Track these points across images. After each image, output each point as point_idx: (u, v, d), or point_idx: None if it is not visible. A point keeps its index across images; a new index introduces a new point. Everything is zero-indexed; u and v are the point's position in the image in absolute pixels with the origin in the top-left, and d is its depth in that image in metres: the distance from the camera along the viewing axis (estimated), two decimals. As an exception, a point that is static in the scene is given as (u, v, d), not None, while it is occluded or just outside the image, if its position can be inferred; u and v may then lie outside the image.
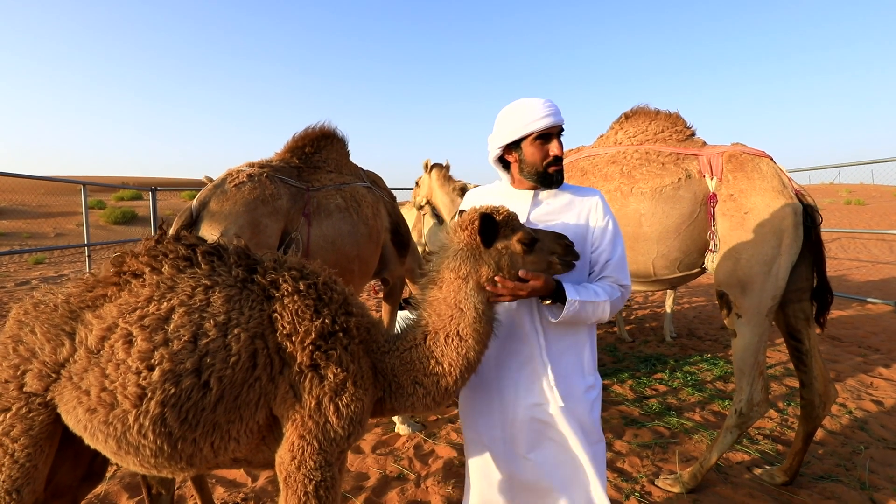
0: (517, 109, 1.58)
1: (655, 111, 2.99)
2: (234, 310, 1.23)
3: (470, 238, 1.39)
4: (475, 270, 1.37)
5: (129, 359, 1.15)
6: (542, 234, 1.43)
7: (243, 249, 1.38)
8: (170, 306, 1.21)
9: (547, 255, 1.41)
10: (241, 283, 1.29)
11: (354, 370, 1.31)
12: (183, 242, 1.32)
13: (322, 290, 1.34)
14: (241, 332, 1.21)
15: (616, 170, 2.83)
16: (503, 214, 1.40)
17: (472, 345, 1.38)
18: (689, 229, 2.55)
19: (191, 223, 2.27)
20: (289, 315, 1.27)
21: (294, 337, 1.25)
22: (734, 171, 2.50)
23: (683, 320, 6.50)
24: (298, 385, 1.25)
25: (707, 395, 3.93)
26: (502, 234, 1.39)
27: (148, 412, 1.13)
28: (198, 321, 1.20)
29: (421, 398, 1.41)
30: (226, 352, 1.19)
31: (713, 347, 5.25)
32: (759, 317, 2.39)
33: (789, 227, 2.34)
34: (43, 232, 20.49)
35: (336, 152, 2.97)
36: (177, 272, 1.27)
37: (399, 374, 1.41)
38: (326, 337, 1.28)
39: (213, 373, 1.17)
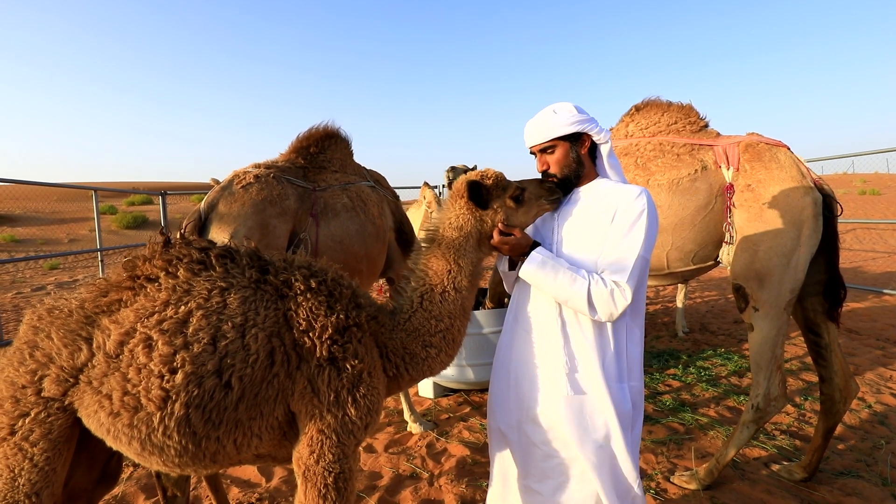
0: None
1: (668, 103, 2.93)
2: (251, 310, 1.26)
3: (466, 204, 1.55)
4: (476, 229, 1.54)
5: (151, 363, 1.17)
6: (527, 184, 1.59)
7: (254, 251, 1.40)
8: (188, 310, 1.23)
9: (536, 202, 1.57)
10: (254, 284, 1.32)
11: (369, 361, 1.35)
12: (195, 246, 1.34)
13: (332, 287, 1.38)
14: (259, 332, 1.24)
15: (630, 161, 2.79)
16: (491, 177, 1.56)
17: (466, 295, 1.53)
18: (705, 221, 2.51)
19: (200, 226, 2.27)
20: (304, 312, 1.30)
21: (311, 333, 1.29)
22: (751, 160, 2.45)
23: (696, 315, 6.43)
24: (316, 379, 1.28)
25: (721, 391, 3.87)
26: (495, 194, 1.56)
27: (173, 414, 1.16)
28: (216, 323, 1.22)
29: (435, 357, 1.51)
30: (245, 352, 1.21)
31: (727, 342, 5.18)
32: (777, 310, 2.34)
33: (809, 217, 2.28)
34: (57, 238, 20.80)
35: (340, 152, 2.97)
36: (192, 275, 1.29)
37: (409, 345, 1.48)
38: (342, 331, 1.32)
39: (233, 373, 1.20)
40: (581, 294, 1.48)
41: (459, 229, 1.53)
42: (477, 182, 1.52)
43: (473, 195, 1.52)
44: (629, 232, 1.52)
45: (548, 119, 1.63)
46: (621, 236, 1.52)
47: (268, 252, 1.48)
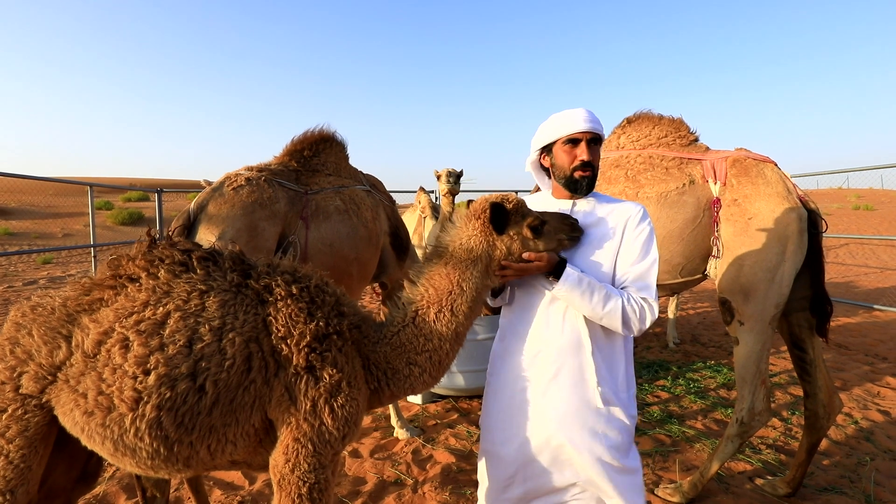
0: (557, 116, 1.66)
1: (659, 116, 2.96)
2: (229, 314, 1.25)
3: (483, 226, 1.47)
4: (487, 255, 1.47)
5: (126, 363, 1.17)
6: (549, 217, 1.51)
7: (238, 254, 1.39)
8: (166, 311, 1.22)
9: (555, 236, 1.49)
10: (235, 288, 1.31)
11: (349, 371, 1.33)
12: (179, 248, 1.34)
13: (315, 293, 1.36)
14: (236, 336, 1.23)
15: (620, 173, 2.81)
16: (513, 202, 1.49)
17: (462, 321, 1.46)
18: (693, 234, 2.52)
19: (188, 226, 2.27)
20: (283, 318, 1.28)
21: (289, 340, 1.27)
22: (738, 175, 2.47)
23: (687, 326, 6.45)
24: (294, 387, 1.27)
25: (710, 403, 3.89)
26: (513, 220, 1.48)
27: (144, 416, 1.15)
28: (193, 326, 1.21)
29: (418, 377, 1.46)
30: (221, 356, 1.20)
31: (717, 354, 5.20)
32: (762, 324, 2.35)
33: (794, 233, 2.30)
34: (51, 232, 20.71)
35: (335, 155, 2.97)
36: (173, 277, 1.29)
37: (392, 360, 1.45)
38: (321, 339, 1.30)
39: (208, 376, 1.19)
40: (617, 311, 1.50)
41: (469, 251, 1.46)
42: (500, 205, 1.45)
43: (494, 218, 1.44)
44: (648, 250, 1.59)
45: (595, 115, 1.62)
46: (641, 254, 1.58)
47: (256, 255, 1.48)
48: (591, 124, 1.59)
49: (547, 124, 1.67)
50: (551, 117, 1.67)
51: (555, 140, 1.64)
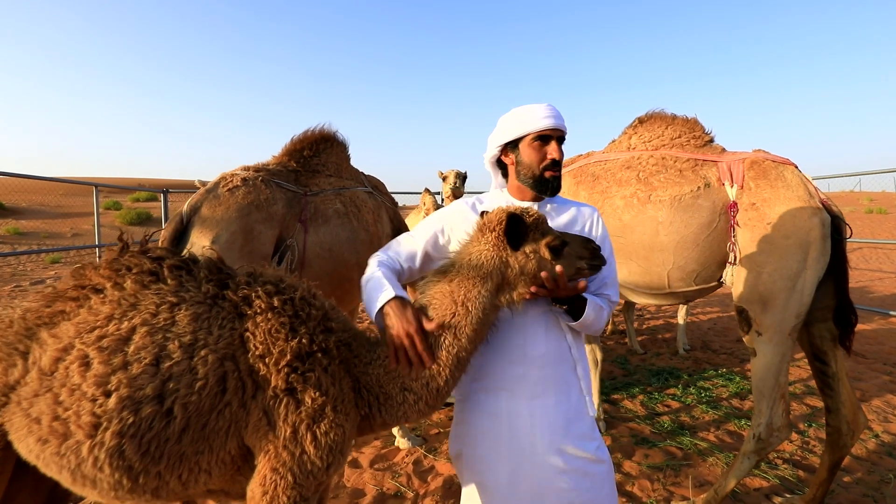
0: (520, 110, 1.56)
1: (672, 116, 2.85)
2: (202, 329, 1.13)
3: (497, 239, 1.32)
4: (498, 273, 1.31)
5: (85, 384, 1.05)
6: (570, 238, 1.37)
7: (216, 262, 1.27)
8: (131, 326, 1.10)
9: (575, 261, 1.34)
10: (210, 300, 1.19)
11: (335, 394, 1.20)
12: (149, 255, 1.22)
13: (299, 306, 1.24)
14: (209, 354, 1.11)
15: (632, 175, 2.70)
16: (533, 216, 1.34)
17: (465, 345, 1.31)
18: (708, 240, 2.41)
19: (181, 229, 2.19)
20: (262, 334, 1.16)
21: (268, 358, 1.15)
22: (756, 178, 2.35)
23: (697, 332, 6.30)
24: (273, 411, 1.14)
25: (722, 414, 3.75)
26: (531, 236, 1.33)
27: (103, 444, 1.03)
28: (161, 342, 1.09)
29: (413, 405, 1.32)
30: (191, 376, 1.08)
31: (729, 361, 5.05)
32: (782, 336, 2.23)
33: (816, 239, 2.18)
34: (60, 232, 20.84)
35: (336, 156, 2.88)
36: (140, 288, 1.17)
37: (385, 384, 1.31)
38: (304, 358, 1.18)
39: (177, 399, 1.06)
40: (605, 320, 1.51)
41: (479, 267, 1.31)
42: (518, 217, 1.29)
43: (510, 231, 1.30)
44: (611, 251, 1.61)
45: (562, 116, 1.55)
46: (609, 255, 1.56)
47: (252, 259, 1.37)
48: (560, 121, 1.52)
49: (511, 118, 1.55)
50: (514, 111, 1.56)
51: (522, 136, 1.53)
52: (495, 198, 1.65)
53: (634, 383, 4.43)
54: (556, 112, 1.52)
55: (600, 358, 3.48)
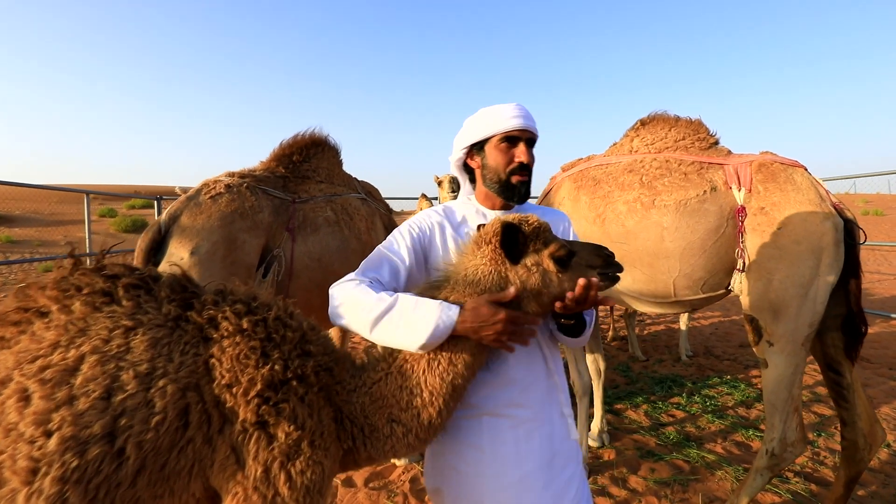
0: (487, 110, 1.44)
1: (675, 117, 2.75)
2: (161, 356, 1.00)
3: (493, 253, 1.20)
4: (498, 289, 1.18)
5: (22, 422, 0.91)
6: (578, 247, 1.23)
7: (179, 280, 1.13)
8: (79, 354, 0.97)
9: (585, 271, 1.20)
10: (172, 323, 1.06)
11: (312, 426, 1.07)
12: (104, 273, 1.07)
13: (273, 328, 1.11)
14: (168, 384, 0.98)
15: (635, 179, 2.60)
16: (532, 225, 1.22)
17: (462, 371, 1.17)
18: (716, 246, 2.30)
19: (159, 240, 2.06)
20: (228, 361, 1.03)
21: (235, 388, 1.02)
22: (765, 181, 2.25)
23: (699, 337, 6.20)
24: (242, 448, 1.01)
25: (728, 424, 3.64)
26: (531, 247, 1.20)
27: (42, 492, 0.88)
28: (113, 372, 0.96)
29: (401, 438, 1.17)
30: (147, 409, 0.95)
31: (732, 368, 4.94)
32: (794, 346, 2.12)
33: (829, 244, 2.08)
34: (54, 240, 20.63)
35: (327, 161, 2.76)
36: (91, 310, 1.03)
37: (371, 414, 1.17)
38: (277, 386, 1.05)
39: (130, 437, 0.93)
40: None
41: (476, 284, 1.18)
42: (514, 226, 1.17)
43: (506, 242, 1.17)
44: None
45: (531, 112, 1.44)
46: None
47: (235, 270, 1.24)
48: (529, 122, 1.40)
49: (477, 119, 1.44)
50: (481, 111, 1.45)
51: (488, 137, 1.41)
52: (462, 206, 1.53)
53: (637, 392, 4.32)
54: (525, 112, 1.41)
55: (603, 368, 3.36)
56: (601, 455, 3.24)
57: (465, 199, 1.55)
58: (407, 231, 1.42)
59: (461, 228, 1.46)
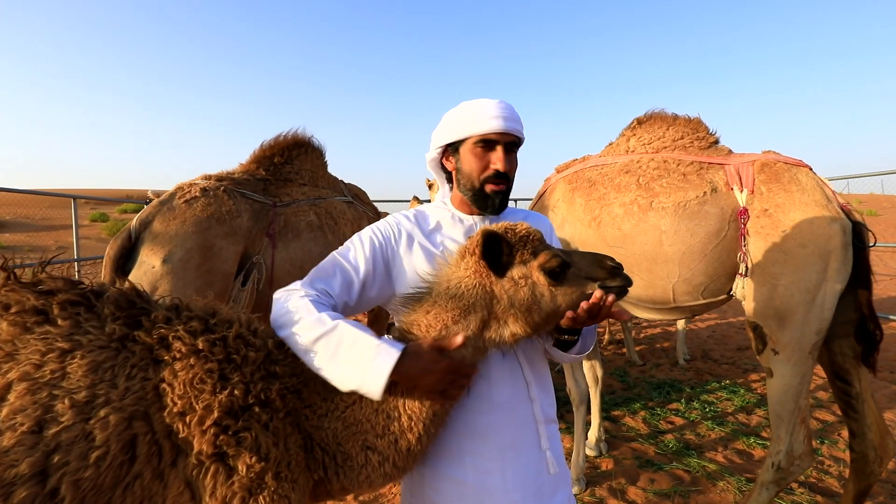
0: (467, 105, 1.28)
1: (673, 116, 2.66)
2: (103, 382, 0.88)
3: (476, 265, 1.09)
4: (482, 306, 1.07)
5: None
6: (576, 258, 1.11)
7: (127, 295, 1.01)
8: (5, 382, 0.85)
9: (584, 284, 1.07)
10: (117, 344, 0.94)
11: (277, 456, 0.96)
12: (38, 288, 0.95)
13: (233, 348, 0.99)
14: (111, 414, 0.86)
15: (631, 180, 2.50)
16: (519, 233, 1.10)
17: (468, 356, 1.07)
18: (717, 250, 2.20)
19: (129, 247, 1.94)
20: (181, 386, 0.92)
21: (189, 416, 0.91)
22: (768, 182, 2.16)
23: (697, 340, 6.12)
24: (197, 483, 0.90)
25: (729, 431, 3.54)
26: (518, 258, 1.08)
27: None
28: (46, 402, 0.84)
29: (377, 467, 1.06)
30: (86, 443, 0.84)
31: (731, 372, 4.86)
32: (801, 354, 2.02)
33: (837, 247, 1.99)
34: (45, 245, 20.38)
35: (310, 163, 2.65)
36: (21, 332, 0.91)
37: (344, 441, 1.06)
38: (237, 414, 0.94)
39: (65, 475, 0.81)
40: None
41: (458, 298, 1.07)
42: (497, 236, 1.05)
43: (489, 253, 1.06)
44: None
45: (516, 112, 1.29)
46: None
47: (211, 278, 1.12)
48: (511, 124, 1.24)
49: (456, 115, 1.29)
50: (462, 106, 1.30)
51: (464, 138, 1.27)
52: (436, 211, 1.38)
53: (635, 398, 4.22)
54: (508, 112, 1.24)
55: (601, 375, 3.27)
56: (599, 465, 3.14)
57: (440, 203, 1.41)
58: (368, 238, 1.28)
59: (433, 236, 1.31)
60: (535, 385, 1.26)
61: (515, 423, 1.21)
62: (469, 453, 1.18)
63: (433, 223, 1.34)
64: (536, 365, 1.29)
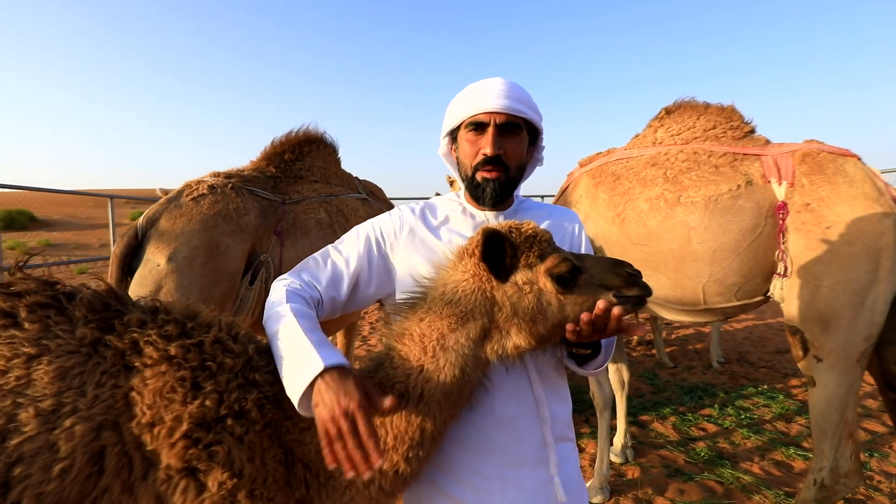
0: (467, 88, 1.18)
1: (705, 104, 2.48)
2: (70, 389, 0.84)
3: (476, 267, 0.99)
4: (482, 313, 0.97)
5: None
6: (590, 262, 1.00)
7: (102, 297, 0.96)
8: None
9: (598, 292, 0.96)
10: (88, 349, 0.89)
11: (252, 473, 0.89)
12: (7, 290, 0.91)
13: (210, 353, 0.93)
14: (79, 424, 0.81)
15: (658, 173, 2.34)
16: (526, 233, 1.00)
17: (436, 412, 0.96)
18: (752, 247, 2.03)
19: (136, 245, 1.93)
20: (150, 395, 0.86)
21: (158, 427, 0.85)
22: (811, 173, 1.97)
23: (732, 342, 5.82)
24: (167, 499, 0.85)
25: (766, 440, 3.32)
26: (523, 262, 0.97)
27: None
28: (9, 410, 0.80)
29: (361, 490, 0.98)
30: (50, 454, 0.79)
31: (769, 376, 4.58)
32: (847, 362, 1.84)
33: (889, 245, 1.79)
34: (89, 243, 21.38)
35: (322, 160, 2.60)
36: None
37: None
38: (209, 425, 0.87)
39: (27, 488, 0.77)
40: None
41: (455, 304, 0.97)
42: (499, 235, 0.94)
43: (489, 254, 0.95)
44: None
45: (522, 90, 1.14)
46: None
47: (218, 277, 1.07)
48: (506, 101, 1.10)
49: (455, 100, 1.19)
50: (468, 88, 1.18)
51: (458, 123, 1.17)
52: (446, 205, 1.28)
53: (665, 402, 4.03)
54: (504, 89, 1.11)
55: (627, 378, 3.11)
56: (625, 472, 2.99)
57: (452, 196, 1.30)
58: (364, 233, 1.20)
59: (439, 231, 1.21)
60: (547, 401, 1.13)
61: (521, 441, 1.10)
62: (469, 471, 1.08)
63: (441, 217, 1.24)
64: (549, 378, 1.16)
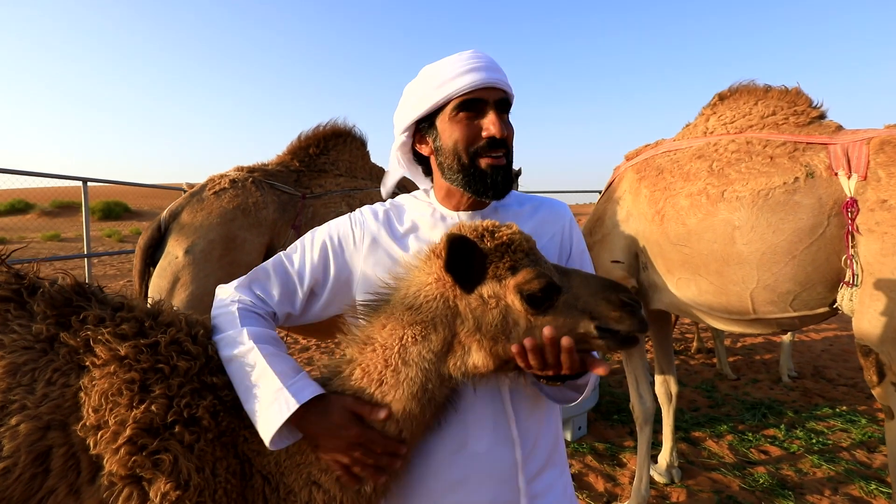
0: (433, 67, 1.02)
1: (765, 88, 2.20)
2: (20, 386, 0.83)
3: (441, 273, 0.88)
4: (444, 324, 0.87)
5: None
6: (576, 282, 0.86)
7: (65, 291, 0.94)
8: None
9: (579, 318, 0.83)
10: (44, 345, 0.88)
11: (200, 484, 0.84)
12: None
13: (164, 355, 0.89)
14: (25, 422, 0.81)
15: (703, 166, 2.10)
16: (499, 240, 0.87)
17: (394, 431, 0.88)
18: (811, 251, 1.76)
19: (158, 237, 2.01)
20: (97, 397, 0.83)
21: (102, 431, 0.82)
22: (890, 164, 1.67)
23: (808, 354, 5.22)
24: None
25: (841, 470, 2.92)
26: (491, 272, 0.86)
27: None
28: None
29: None
30: None
31: (850, 396, 4.05)
32: (932, 391, 1.54)
33: None
34: (172, 233, 23.32)
35: (349, 153, 2.59)
36: None
37: (287, 472, 0.92)
38: (155, 431, 0.84)
39: None
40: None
41: (415, 311, 0.88)
42: (466, 241, 0.83)
43: (456, 262, 0.84)
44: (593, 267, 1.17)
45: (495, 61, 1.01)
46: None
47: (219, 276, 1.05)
48: (496, 74, 0.98)
49: (421, 82, 1.03)
50: (424, 70, 1.03)
51: (439, 106, 1.00)
52: (414, 207, 1.13)
53: (722, 418, 3.67)
54: (485, 61, 0.98)
55: (675, 391, 2.86)
56: (669, 494, 2.75)
57: (420, 196, 1.16)
58: (320, 241, 1.09)
59: (406, 239, 1.07)
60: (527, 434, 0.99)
61: (495, 479, 0.97)
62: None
63: (408, 223, 1.10)
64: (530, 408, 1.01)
